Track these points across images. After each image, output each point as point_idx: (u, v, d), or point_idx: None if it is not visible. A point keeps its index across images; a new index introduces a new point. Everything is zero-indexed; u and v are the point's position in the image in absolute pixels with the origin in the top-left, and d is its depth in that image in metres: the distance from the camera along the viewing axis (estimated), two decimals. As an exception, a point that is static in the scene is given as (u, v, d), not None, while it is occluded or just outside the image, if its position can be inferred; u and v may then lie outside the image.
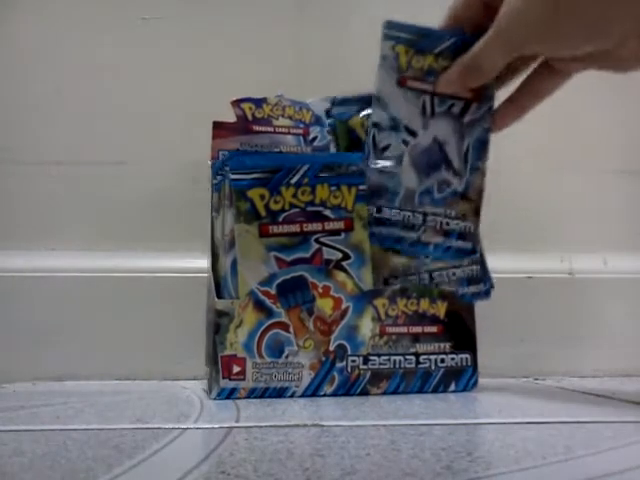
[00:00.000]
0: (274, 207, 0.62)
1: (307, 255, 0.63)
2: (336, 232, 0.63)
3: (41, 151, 0.77)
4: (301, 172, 0.63)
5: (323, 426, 0.49)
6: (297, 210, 0.63)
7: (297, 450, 0.42)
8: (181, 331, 0.74)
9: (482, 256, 0.65)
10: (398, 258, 0.65)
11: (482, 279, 0.65)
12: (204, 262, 0.71)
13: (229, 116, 0.70)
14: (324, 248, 0.63)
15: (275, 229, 0.62)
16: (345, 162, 0.64)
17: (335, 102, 0.70)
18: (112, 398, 0.63)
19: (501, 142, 0.81)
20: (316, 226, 0.63)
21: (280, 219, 0.62)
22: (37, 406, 0.59)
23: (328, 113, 0.71)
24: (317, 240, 0.63)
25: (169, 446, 0.44)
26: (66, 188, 0.77)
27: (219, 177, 0.66)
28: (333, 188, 0.63)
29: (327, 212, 0.63)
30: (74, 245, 0.76)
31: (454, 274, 0.65)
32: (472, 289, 0.65)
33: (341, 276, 0.63)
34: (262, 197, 0.62)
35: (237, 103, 0.71)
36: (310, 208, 0.63)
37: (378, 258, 0.64)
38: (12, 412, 0.56)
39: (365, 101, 0.67)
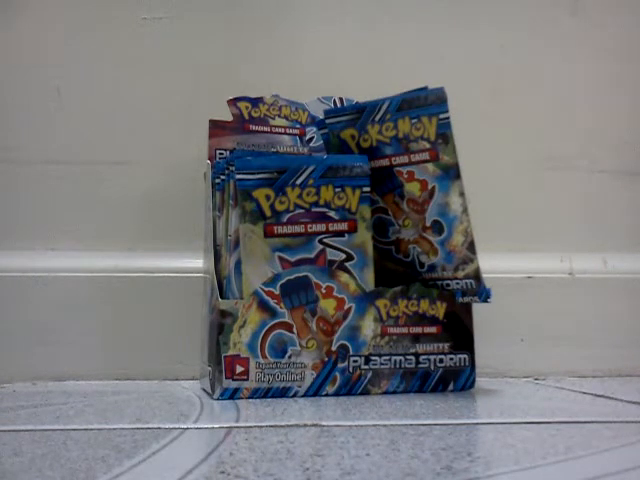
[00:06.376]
0: (279, 207, 0.62)
1: (311, 256, 0.63)
2: (340, 233, 0.63)
3: (41, 151, 0.77)
4: (306, 173, 0.63)
5: (323, 426, 0.49)
6: (302, 211, 0.63)
7: (297, 450, 0.42)
8: (181, 331, 0.74)
9: (478, 269, 0.64)
10: (394, 266, 0.66)
11: (477, 292, 0.65)
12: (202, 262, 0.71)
13: (228, 116, 0.71)
14: (328, 249, 0.63)
15: (280, 229, 0.62)
16: (350, 164, 0.64)
17: (328, 113, 0.69)
18: (112, 398, 0.63)
19: (501, 143, 0.81)
20: (320, 227, 0.63)
21: (285, 219, 0.62)
22: (37, 406, 0.59)
23: (321, 124, 0.70)
24: (321, 241, 0.63)
25: (169, 446, 0.44)
26: (66, 188, 0.76)
27: (223, 177, 0.66)
28: (337, 189, 0.63)
29: (331, 213, 0.63)
30: (74, 245, 0.76)
31: (448, 285, 0.65)
32: (466, 300, 0.65)
33: (344, 277, 0.63)
34: (267, 197, 0.62)
35: (233, 102, 0.71)
36: (315, 209, 0.63)
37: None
38: (12, 412, 0.56)
39: (357, 111, 0.67)
